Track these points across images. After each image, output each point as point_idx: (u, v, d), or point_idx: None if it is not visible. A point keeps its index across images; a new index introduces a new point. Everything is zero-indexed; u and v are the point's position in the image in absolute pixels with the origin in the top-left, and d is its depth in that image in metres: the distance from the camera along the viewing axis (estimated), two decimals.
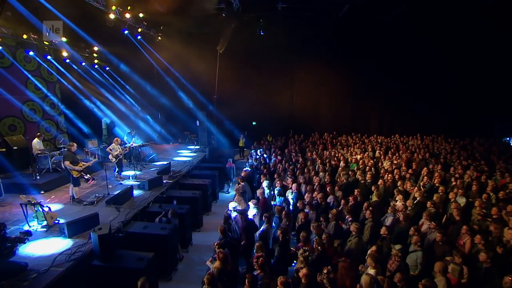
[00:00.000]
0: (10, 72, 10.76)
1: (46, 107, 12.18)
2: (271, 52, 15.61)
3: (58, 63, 12.15)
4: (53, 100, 12.59)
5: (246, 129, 17.62)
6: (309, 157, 12.39)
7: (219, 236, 5.70)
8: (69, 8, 9.75)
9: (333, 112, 17.51)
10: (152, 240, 6.07)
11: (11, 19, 9.68)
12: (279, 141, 15.96)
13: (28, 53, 10.75)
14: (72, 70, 12.66)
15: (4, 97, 10.52)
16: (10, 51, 10.77)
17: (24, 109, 11.31)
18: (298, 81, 17.30)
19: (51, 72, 12.22)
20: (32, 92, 11.61)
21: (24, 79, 11.32)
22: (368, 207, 6.66)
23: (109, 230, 5.10)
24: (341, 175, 9.34)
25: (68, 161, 7.19)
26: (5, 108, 10.56)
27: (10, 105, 10.76)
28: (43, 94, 11.84)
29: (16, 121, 10.96)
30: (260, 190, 7.70)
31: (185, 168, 10.74)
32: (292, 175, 9.63)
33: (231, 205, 6.87)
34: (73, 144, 7.52)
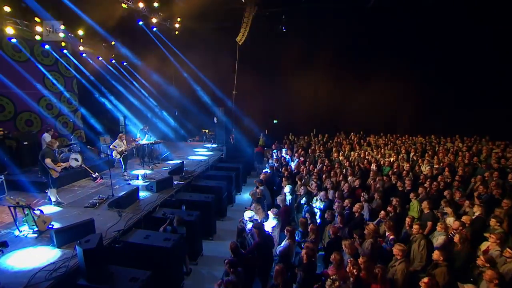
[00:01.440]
0: (27, 66, 10.36)
1: (63, 102, 11.75)
2: (294, 46, 14.31)
3: (75, 57, 11.65)
4: (70, 95, 12.15)
5: (267, 127, 16.49)
6: (336, 158, 10.99)
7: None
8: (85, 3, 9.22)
9: (359, 111, 15.78)
10: (153, 253, 5.09)
11: (25, 11, 9.20)
12: (302, 140, 14.63)
13: (44, 47, 10.29)
14: (88, 65, 12.13)
15: (21, 91, 10.11)
16: (28, 45, 10.37)
17: (41, 104, 10.90)
18: (322, 77, 15.77)
19: (68, 68, 11.75)
20: (49, 87, 11.19)
21: (41, 74, 10.91)
22: (412, 222, 5.29)
23: (99, 243, 4.14)
24: (377, 181, 7.90)
25: (49, 158, 6.32)
26: (22, 103, 10.17)
27: (27, 100, 10.35)
28: (60, 89, 11.39)
29: (32, 116, 10.57)
30: (281, 197, 6.50)
31: (199, 168, 9.76)
32: (318, 179, 8.34)
33: (247, 215, 5.74)
34: (55, 142, 6.69)
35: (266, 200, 7.34)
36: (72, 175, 8.19)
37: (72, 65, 11.97)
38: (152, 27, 10.91)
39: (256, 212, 6.13)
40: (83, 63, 12.02)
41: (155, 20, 10.45)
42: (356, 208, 5.88)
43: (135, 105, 13.61)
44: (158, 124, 14.26)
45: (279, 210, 6.34)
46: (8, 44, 9.69)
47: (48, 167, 6.30)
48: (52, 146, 6.53)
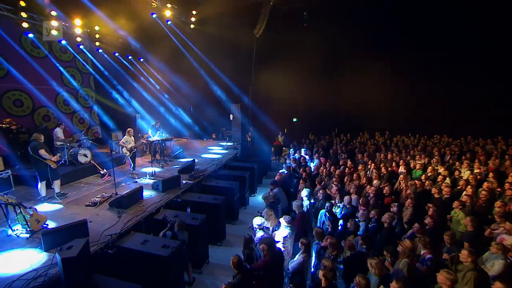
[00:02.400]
0: (46, 62, 10.31)
1: (80, 98, 11.64)
2: (315, 41, 13.31)
3: (91, 53, 11.49)
4: (87, 92, 12.04)
5: (286, 126, 15.59)
6: (359, 159, 9.92)
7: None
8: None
9: (385, 110, 14.33)
10: (149, 261, 4.46)
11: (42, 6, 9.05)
12: (323, 140, 13.60)
13: (61, 42, 10.16)
14: (105, 61, 11.94)
15: (39, 87, 10.05)
16: (47, 42, 10.29)
17: (58, 100, 10.81)
18: (345, 74, 14.56)
19: (84, 64, 11.61)
20: (66, 83, 11.09)
21: (59, 70, 10.81)
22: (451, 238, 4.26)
23: (82, 251, 3.56)
24: (409, 185, 6.80)
25: (43, 149, 5.99)
26: (40, 99, 10.09)
27: (45, 95, 10.29)
28: (76, 86, 11.27)
29: (50, 111, 10.50)
30: (297, 203, 5.64)
31: (211, 167, 9.10)
32: (339, 182, 7.37)
33: (256, 222, 4.96)
34: (40, 135, 6.24)
35: (280, 205, 6.52)
36: (80, 171, 7.85)
37: (89, 61, 11.83)
38: (167, 20, 10.45)
39: (267, 219, 5.33)
40: (99, 59, 11.83)
41: (170, 13, 9.96)
42: (386, 218, 4.89)
43: (149, 100, 13.25)
44: (171, 120, 13.80)
45: (294, 217, 5.51)
46: (27, 40, 9.64)
47: (44, 158, 5.93)
48: (39, 139, 6.13)
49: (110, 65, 12.03)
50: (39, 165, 6.08)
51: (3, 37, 8.74)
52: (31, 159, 6.17)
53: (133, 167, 8.15)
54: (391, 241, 4.57)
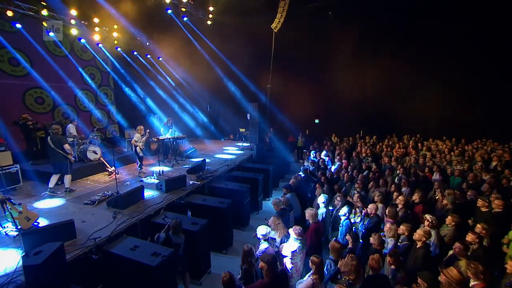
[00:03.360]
0: (67, 61, 10.38)
1: (99, 97, 11.67)
2: (339, 37, 12.33)
3: (110, 52, 11.48)
4: (106, 91, 12.06)
5: (307, 127, 14.66)
6: (386, 164, 8.79)
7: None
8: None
9: (416, 111, 12.83)
10: (136, 270, 3.90)
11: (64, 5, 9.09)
12: (346, 142, 12.50)
13: (80, 40, 10.20)
14: (123, 60, 11.90)
15: (60, 85, 10.15)
16: (69, 40, 10.40)
17: (78, 98, 10.88)
18: (371, 73, 13.31)
19: (102, 63, 11.61)
20: (86, 82, 11.15)
21: (79, 69, 10.89)
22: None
23: (50, 257, 3.05)
24: (446, 195, 5.67)
25: (67, 144, 5.94)
26: (61, 96, 10.18)
27: (65, 93, 10.38)
28: (92, 85, 11.31)
29: (70, 109, 10.55)
30: (311, 211, 4.79)
31: (222, 168, 8.49)
32: (362, 188, 6.40)
33: (260, 231, 4.21)
34: (58, 128, 6.13)
35: (293, 212, 5.71)
36: (88, 168, 7.62)
37: (108, 60, 11.84)
38: (183, 16, 10.12)
39: (275, 228, 4.56)
40: (118, 58, 11.80)
41: (184, 9, 9.62)
42: (419, 235, 3.90)
43: (164, 99, 13.00)
44: (186, 119, 13.41)
45: (307, 228, 4.69)
46: (50, 39, 9.74)
47: (67, 153, 5.87)
48: (59, 132, 6.01)
49: (128, 64, 11.95)
50: (59, 158, 6.02)
51: (26, 36, 8.84)
52: (51, 152, 6.09)
53: (140, 166, 7.77)
54: (425, 265, 3.62)
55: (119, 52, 11.57)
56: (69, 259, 3.76)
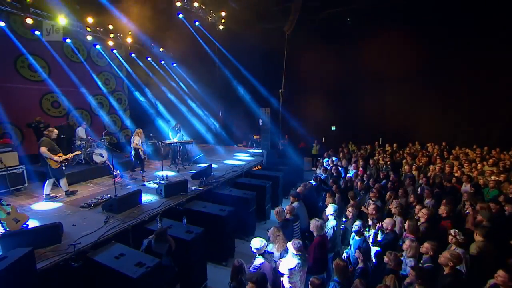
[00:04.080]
0: (82, 66, 10.61)
1: (113, 102, 11.81)
2: (357, 41, 11.72)
3: (124, 58, 11.64)
4: (120, 96, 12.21)
5: (323, 134, 13.98)
6: (407, 173, 7.94)
7: None
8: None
9: (441, 117, 11.77)
10: (117, 281, 3.53)
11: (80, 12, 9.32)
12: (363, 150, 11.66)
13: (95, 46, 10.41)
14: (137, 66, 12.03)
15: (75, 90, 10.35)
16: (85, 46, 10.66)
17: (92, 103, 11.05)
18: (393, 76, 12.48)
19: (115, 68, 11.78)
20: (101, 87, 11.34)
21: (95, 74, 11.11)
22: None
23: (14, 265, 2.73)
24: (479, 209, 4.86)
25: (44, 147, 5.51)
26: (76, 101, 10.40)
27: (81, 98, 10.58)
28: (104, 91, 11.48)
29: (84, 113, 10.74)
30: (316, 222, 4.19)
31: (228, 174, 8.07)
32: (378, 197, 5.68)
33: (254, 244, 3.69)
34: (52, 130, 5.84)
35: (299, 223, 5.13)
36: (93, 171, 7.50)
37: (122, 66, 12.01)
38: (195, 21, 10.04)
39: (274, 241, 4.03)
40: (132, 64, 11.95)
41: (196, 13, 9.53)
42: (446, 259, 3.20)
43: (175, 103, 12.91)
44: (196, 124, 13.19)
45: (307, 244, 4.11)
46: (68, 45, 10.03)
47: (45, 157, 5.50)
48: (50, 135, 5.73)
49: (141, 69, 12.05)
50: (42, 162, 5.75)
51: (44, 43, 9.11)
52: (40, 155, 5.88)
53: (142, 170, 7.55)
54: None
55: (133, 58, 11.71)
56: (45, 267, 3.46)
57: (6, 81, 8.76)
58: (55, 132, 5.76)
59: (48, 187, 5.93)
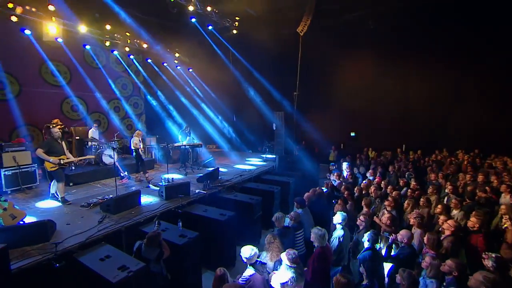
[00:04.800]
0: (100, 72, 10.97)
1: (129, 106, 12.11)
2: (378, 40, 11.08)
3: (141, 64, 11.92)
4: (137, 100, 12.48)
5: (341, 140, 13.27)
6: (432, 180, 7.12)
7: None
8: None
9: (473, 122, 10.59)
10: (97, 285, 3.30)
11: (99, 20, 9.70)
12: (384, 156, 10.82)
13: (113, 52, 10.75)
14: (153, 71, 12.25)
15: (94, 94, 10.71)
16: (104, 52, 11.04)
17: (110, 106, 11.40)
18: (417, 78, 11.52)
19: (130, 74, 12.07)
20: (117, 92, 11.68)
21: (113, 79, 11.50)
22: None
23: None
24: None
25: (41, 149, 5.29)
26: (94, 104, 10.75)
27: (98, 102, 10.95)
28: (128, 94, 11.75)
29: (101, 116, 11.07)
30: (317, 231, 3.69)
31: (236, 178, 7.75)
32: (394, 207, 5.04)
33: (244, 253, 3.30)
34: (56, 131, 5.66)
35: (302, 231, 4.66)
36: (101, 172, 7.52)
37: (139, 71, 12.29)
38: (208, 25, 10.03)
39: (268, 249, 3.60)
40: (147, 69, 12.20)
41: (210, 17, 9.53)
42: (478, 282, 2.59)
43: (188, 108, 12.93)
44: (209, 129, 13.06)
45: (313, 252, 3.63)
46: (88, 52, 10.44)
47: (42, 159, 5.44)
48: (53, 135, 5.61)
49: (156, 74, 12.27)
50: (41, 163, 5.71)
51: (66, 50, 9.54)
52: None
53: (144, 171, 7.48)
54: None
55: (149, 63, 11.97)
56: (26, 266, 3.31)
57: (31, 86, 9.24)
58: (55, 130, 5.69)
59: (53, 186, 5.94)
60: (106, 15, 9.48)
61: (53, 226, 4.19)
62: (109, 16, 9.49)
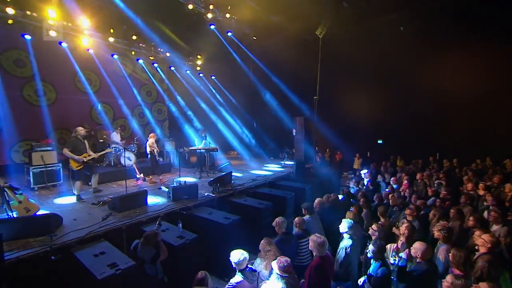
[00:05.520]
0: (126, 80, 11.57)
1: (153, 112, 12.60)
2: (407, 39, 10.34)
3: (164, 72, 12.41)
4: (161, 106, 12.97)
5: (367, 147, 12.44)
6: (470, 191, 6.24)
7: None
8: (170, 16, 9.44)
9: None
10: (85, 279, 3.27)
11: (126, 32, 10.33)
12: (414, 165, 9.86)
13: (138, 61, 11.33)
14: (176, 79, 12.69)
15: (119, 101, 11.32)
16: (131, 62, 11.67)
17: (134, 113, 11.96)
18: (455, 75, 10.37)
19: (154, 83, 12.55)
20: (143, 99, 12.25)
21: (138, 86, 12.10)
22: None
23: None
24: None
25: (67, 148, 5.60)
26: (119, 110, 11.37)
27: (123, 108, 11.50)
28: (152, 100, 12.27)
29: (126, 122, 11.62)
30: (316, 239, 3.33)
31: (249, 183, 7.54)
32: (415, 216, 4.44)
33: (233, 257, 3.06)
34: (82, 129, 5.93)
35: (307, 240, 4.25)
36: (120, 173, 7.76)
37: (163, 79, 12.77)
38: (228, 31, 10.16)
39: (263, 256, 3.31)
40: (171, 77, 12.64)
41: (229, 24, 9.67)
42: None
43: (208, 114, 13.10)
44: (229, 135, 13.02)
45: (309, 263, 3.26)
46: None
47: (68, 158, 5.75)
48: (77, 135, 5.91)
49: (179, 81, 12.67)
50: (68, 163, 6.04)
51: (95, 60, 10.25)
52: None
53: (158, 173, 7.58)
54: None
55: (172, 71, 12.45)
56: (24, 256, 3.40)
57: (66, 93, 10.03)
58: (80, 129, 6.03)
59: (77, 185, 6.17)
60: (133, 26, 10.04)
61: (59, 220, 4.32)
62: (135, 27, 10.03)
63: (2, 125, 8.39)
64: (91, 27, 8.96)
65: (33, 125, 8.99)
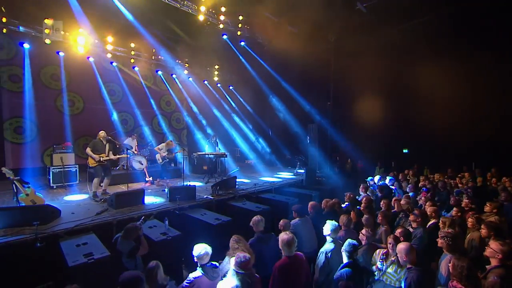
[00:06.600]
0: (144, 90, 12.29)
1: (172, 121, 13.16)
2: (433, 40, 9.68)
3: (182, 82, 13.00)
4: (178, 116, 13.54)
5: (392, 157, 11.49)
6: (504, 201, 5.43)
7: None
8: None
9: None
10: (60, 267, 3.39)
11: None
12: (441, 175, 8.87)
13: (157, 72, 12.05)
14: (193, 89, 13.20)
15: (139, 110, 12.03)
16: (152, 73, 12.45)
17: (154, 121, 12.59)
18: (490, 78, 9.30)
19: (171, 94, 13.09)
20: (161, 108, 12.89)
21: (158, 97, 12.82)
22: None
23: None
24: None
25: (89, 148, 6.24)
26: (137, 119, 12.07)
27: (143, 117, 12.17)
28: (171, 110, 12.85)
29: (144, 129, 12.25)
30: (284, 236, 3.10)
31: (252, 188, 7.41)
32: (421, 223, 3.94)
33: (196, 250, 2.95)
34: (102, 133, 6.62)
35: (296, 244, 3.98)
36: (130, 176, 8.08)
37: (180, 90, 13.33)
38: (241, 41, 10.42)
39: (231, 254, 3.16)
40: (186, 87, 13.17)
41: (239, 33, 9.92)
42: None
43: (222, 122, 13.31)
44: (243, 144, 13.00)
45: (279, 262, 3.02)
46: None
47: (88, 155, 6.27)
48: (100, 136, 6.58)
49: (197, 92, 13.16)
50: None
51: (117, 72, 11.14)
52: None
53: (166, 177, 7.78)
54: None
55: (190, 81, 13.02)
56: (12, 242, 3.64)
57: (93, 103, 10.97)
58: (102, 133, 6.65)
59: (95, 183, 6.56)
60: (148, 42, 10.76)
61: (56, 212, 4.58)
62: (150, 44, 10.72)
63: (39, 132, 9.44)
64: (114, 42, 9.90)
65: (62, 132, 9.90)
